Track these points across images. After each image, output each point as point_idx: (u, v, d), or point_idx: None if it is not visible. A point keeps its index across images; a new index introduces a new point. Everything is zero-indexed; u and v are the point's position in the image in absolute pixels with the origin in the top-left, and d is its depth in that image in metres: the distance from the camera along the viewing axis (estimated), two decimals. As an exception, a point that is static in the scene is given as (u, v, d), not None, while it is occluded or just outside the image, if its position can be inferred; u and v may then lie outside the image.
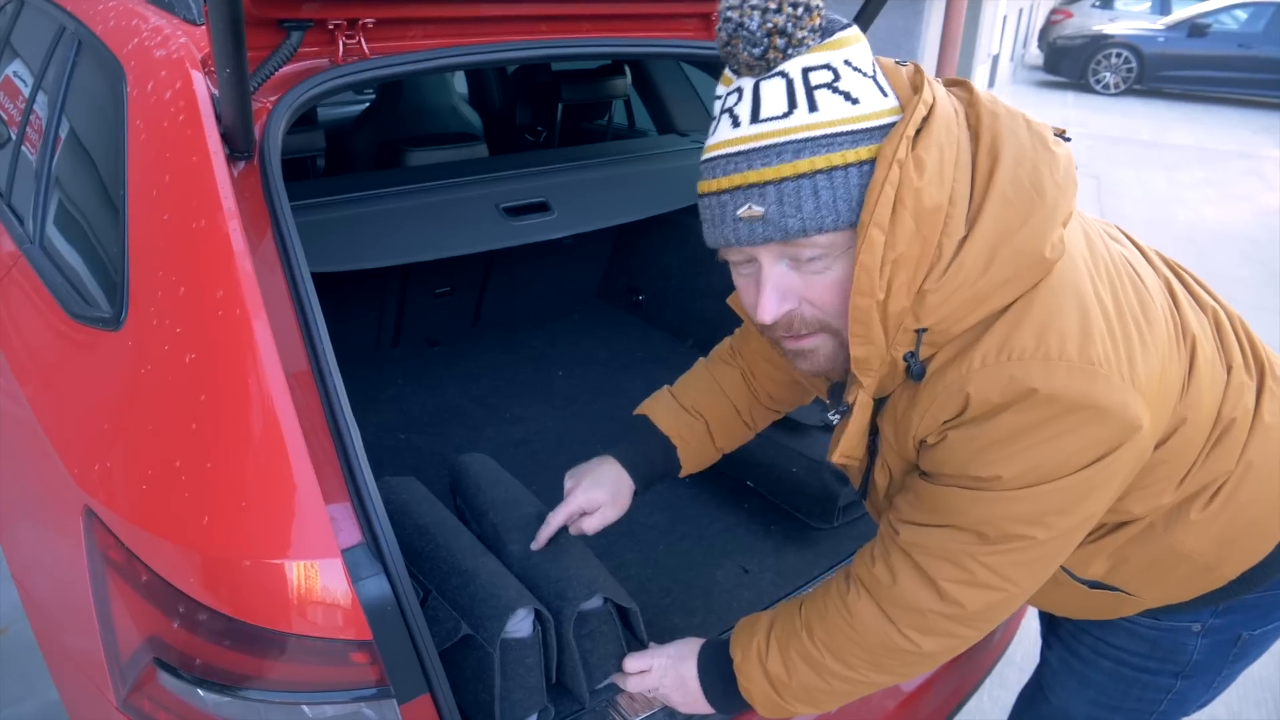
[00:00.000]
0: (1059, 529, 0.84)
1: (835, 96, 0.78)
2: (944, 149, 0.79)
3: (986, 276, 0.79)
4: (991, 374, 0.79)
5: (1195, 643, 1.07)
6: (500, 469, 1.44)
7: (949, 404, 0.82)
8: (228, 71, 1.03)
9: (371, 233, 1.66)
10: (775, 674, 0.99)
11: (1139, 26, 11.91)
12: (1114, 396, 0.78)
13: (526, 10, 1.48)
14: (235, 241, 1.03)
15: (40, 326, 1.35)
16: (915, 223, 0.78)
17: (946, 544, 0.86)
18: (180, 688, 0.94)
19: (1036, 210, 0.79)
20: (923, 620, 0.90)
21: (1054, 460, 0.80)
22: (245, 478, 0.92)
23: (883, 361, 0.85)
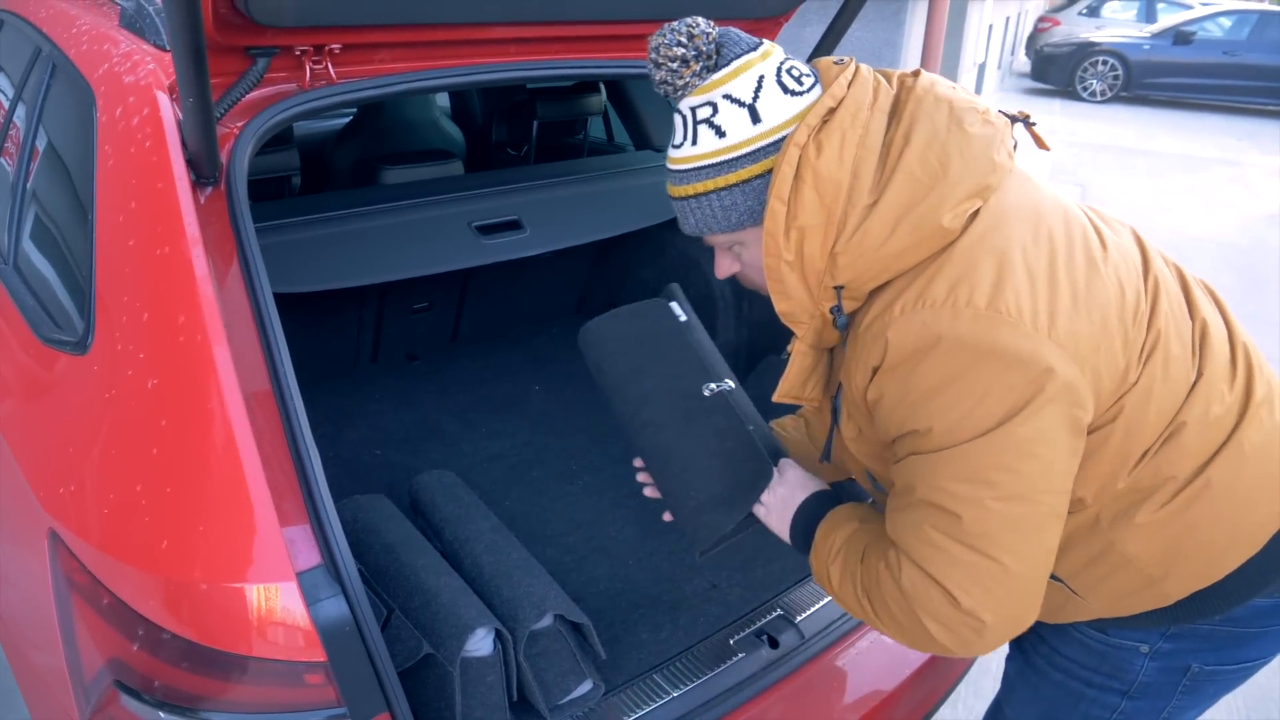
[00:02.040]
0: (1010, 487, 0.86)
1: (709, 131, 0.96)
2: (846, 133, 0.92)
3: (890, 242, 0.90)
4: (907, 320, 0.88)
5: (1142, 664, 1.08)
6: (458, 485, 1.46)
7: (874, 349, 0.91)
8: (191, 100, 1.05)
9: (344, 252, 1.68)
10: (831, 575, 1.04)
11: (1125, 34, 12.01)
12: (1021, 342, 0.85)
13: (494, 34, 1.50)
14: (198, 267, 1.05)
15: (11, 348, 1.36)
16: (817, 195, 0.91)
17: (919, 525, 0.90)
18: (141, 709, 0.95)
19: (939, 186, 0.89)
20: (934, 607, 0.90)
21: (978, 411, 0.86)
22: (203, 502, 0.94)
23: (811, 315, 0.98)
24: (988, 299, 0.86)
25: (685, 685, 1.33)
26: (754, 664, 1.37)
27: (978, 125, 0.93)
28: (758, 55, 0.95)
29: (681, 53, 0.94)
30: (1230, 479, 0.97)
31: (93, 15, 1.59)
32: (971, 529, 0.87)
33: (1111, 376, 0.92)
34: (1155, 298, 0.98)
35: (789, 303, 0.98)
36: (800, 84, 0.96)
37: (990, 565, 0.87)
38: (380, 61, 1.41)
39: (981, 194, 0.91)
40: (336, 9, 1.23)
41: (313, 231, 1.67)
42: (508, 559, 1.26)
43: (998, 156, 0.92)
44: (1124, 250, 0.99)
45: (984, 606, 0.88)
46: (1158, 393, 0.94)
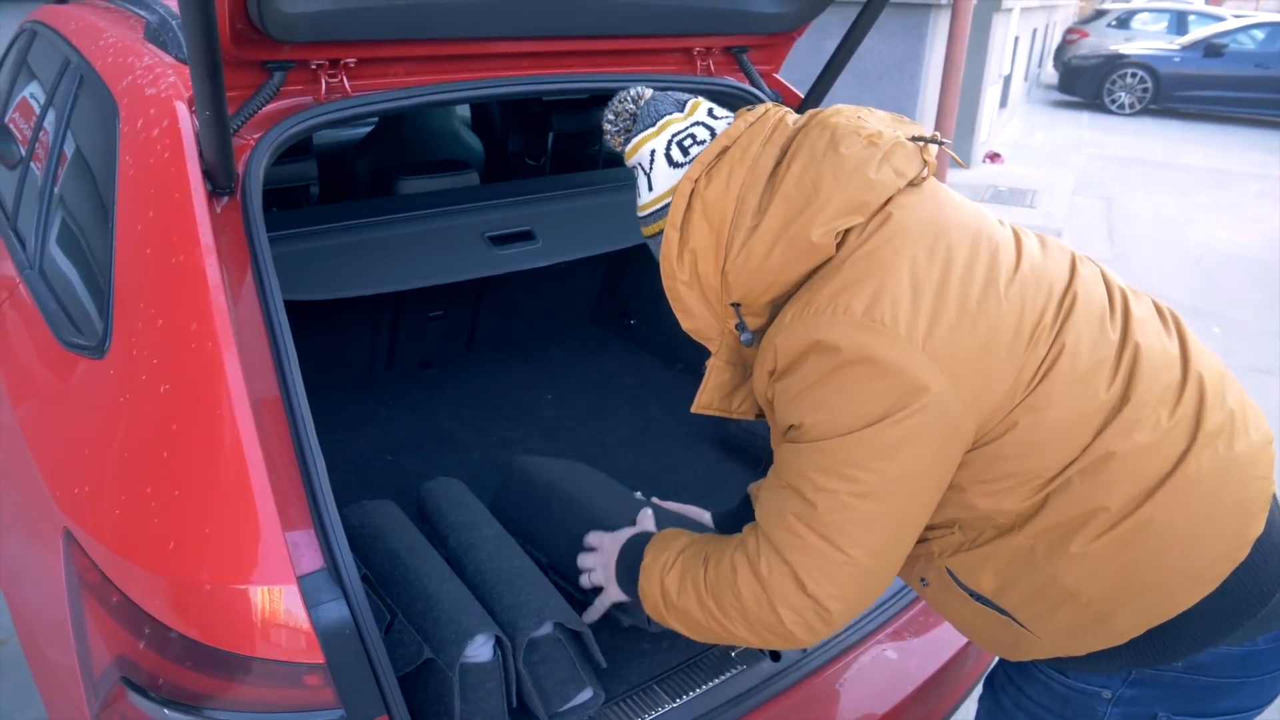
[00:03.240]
0: (865, 485, 0.91)
1: (641, 187, 1.12)
2: (735, 167, 1.02)
3: (770, 258, 0.98)
4: (792, 328, 0.96)
5: (1106, 710, 1.04)
6: (464, 493, 1.48)
7: (767, 357, 0.99)
8: (207, 113, 1.08)
9: (359, 261, 1.71)
10: (668, 588, 1.08)
11: (1155, 46, 11.90)
12: (891, 352, 0.90)
13: (506, 48, 1.53)
14: (211, 276, 1.08)
15: (34, 351, 1.40)
16: (706, 221, 1.02)
17: (781, 510, 0.97)
18: (147, 706, 0.98)
19: (811, 205, 0.97)
20: (786, 592, 0.95)
21: (845, 411, 0.92)
22: (209, 505, 0.96)
23: (719, 331, 1.08)
24: (864, 308, 0.92)
25: (685, 696, 1.34)
26: (755, 677, 1.37)
27: (855, 147, 0.99)
28: (654, 130, 1.11)
29: (608, 126, 1.17)
30: (1173, 513, 0.94)
31: (119, 28, 1.64)
32: (824, 519, 0.93)
33: (998, 390, 0.93)
34: (1068, 314, 0.97)
35: (693, 320, 1.08)
36: (686, 154, 1.08)
37: (837, 556, 0.93)
38: (395, 75, 1.44)
39: (859, 210, 0.97)
40: (350, 25, 1.26)
41: (328, 240, 1.70)
42: (510, 567, 1.27)
43: (873, 174, 0.98)
44: (1042, 272, 1.00)
45: (829, 595, 0.94)
46: (1058, 408, 0.94)
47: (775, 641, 0.99)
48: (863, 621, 1.49)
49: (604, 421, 2.17)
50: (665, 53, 1.76)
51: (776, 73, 1.95)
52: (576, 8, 1.50)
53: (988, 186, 6.90)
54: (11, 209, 1.87)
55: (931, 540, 1.06)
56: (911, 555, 1.08)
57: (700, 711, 1.31)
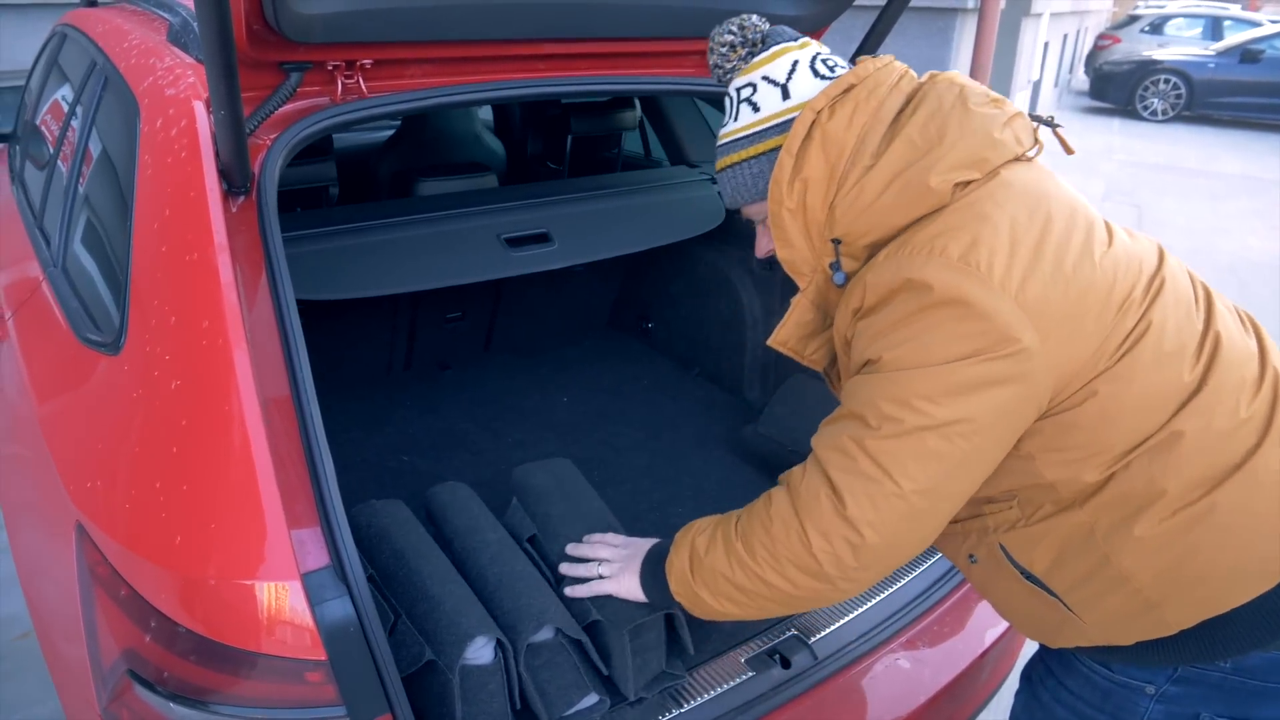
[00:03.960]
0: (932, 418, 0.90)
1: (747, 108, 1.08)
2: (860, 105, 1.01)
3: (882, 198, 0.98)
4: (885, 265, 0.95)
5: (1148, 706, 1.03)
6: (470, 497, 1.48)
7: (855, 294, 0.99)
8: (223, 113, 1.09)
9: (375, 262, 1.72)
10: (697, 547, 1.08)
11: (1189, 52, 11.71)
12: (984, 297, 0.89)
13: (521, 50, 1.53)
14: (223, 274, 1.09)
15: (54, 347, 1.42)
16: (823, 153, 1.00)
17: (839, 434, 0.96)
18: (153, 699, 0.99)
19: (933, 151, 0.97)
20: (820, 512, 0.94)
21: (927, 347, 0.91)
22: (216, 501, 0.97)
23: (812, 268, 1.06)
24: (961, 252, 0.91)
25: (692, 701, 1.33)
26: (764, 683, 1.36)
27: (983, 105, 1.00)
28: (796, 45, 1.09)
29: (730, 39, 1.10)
30: (1239, 503, 0.94)
31: (144, 30, 1.67)
32: (882, 443, 0.92)
33: (1082, 354, 0.93)
34: (1157, 294, 0.98)
35: (790, 250, 1.06)
36: (832, 71, 1.07)
37: (887, 484, 0.92)
38: (411, 77, 1.45)
39: (977, 165, 0.97)
40: (365, 26, 1.27)
41: (345, 241, 1.72)
42: (511, 571, 1.27)
43: (998, 134, 0.98)
44: (1133, 252, 1.01)
45: (867, 521, 0.92)
46: (1140, 383, 0.94)
47: (801, 584, 0.97)
48: (876, 630, 1.47)
49: (618, 424, 2.16)
50: (681, 55, 1.76)
51: (795, 76, 1.94)
52: (591, 11, 1.50)
53: (1015, 193, 6.81)
54: (39, 208, 1.91)
55: (988, 515, 1.05)
56: (964, 530, 1.09)
57: (708, 717, 1.30)
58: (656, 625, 1.30)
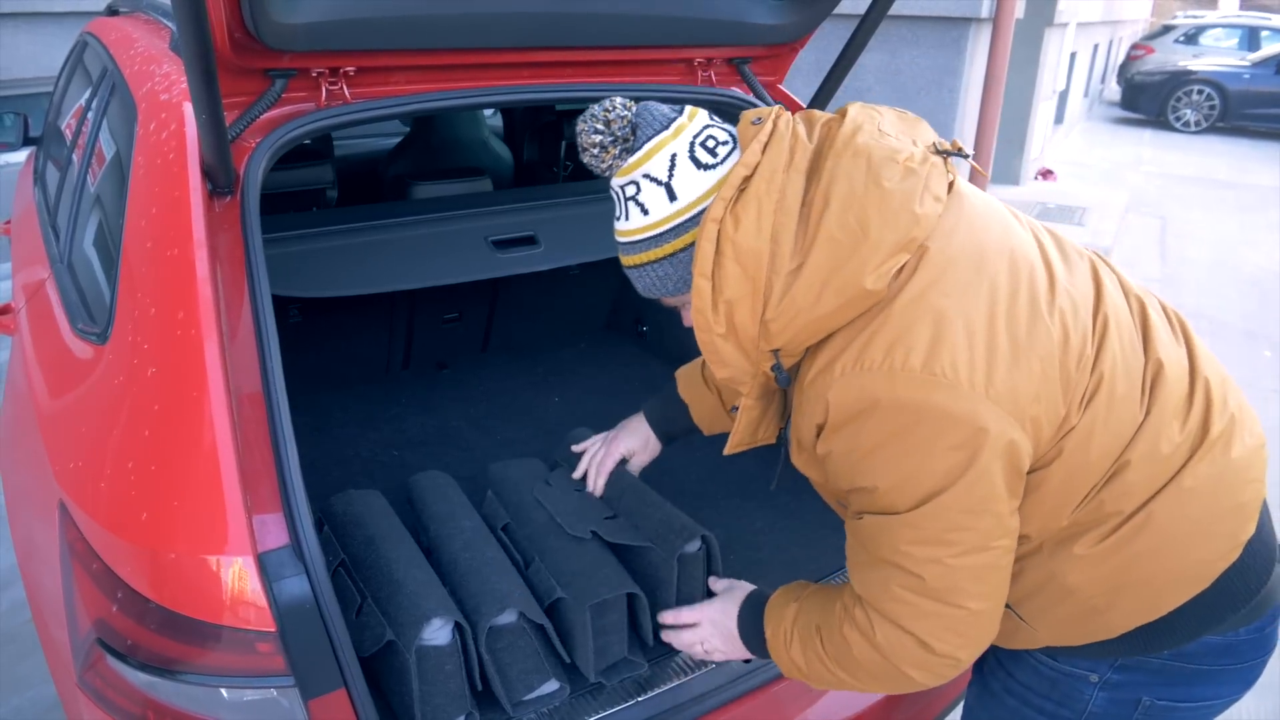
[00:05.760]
0: (965, 544, 0.91)
1: (636, 208, 1.02)
2: (762, 202, 0.94)
3: (818, 305, 0.92)
4: (846, 383, 0.91)
5: (1092, 694, 1.07)
6: (450, 485, 1.53)
7: (816, 409, 0.95)
8: (204, 117, 1.16)
9: (366, 262, 1.78)
10: (796, 661, 1.09)
11: (1224, 63, 11.53)
12: (959, 404, 0.87)
13: (507, 58, 1.58)
14: (199, 269, 1.15)
15: (53, 338, 1.50)
16: (740, 267, 0.93)
17: (886, 584, 0.95)
18: (121, 668, 1.04)
19: (860, 248, 0.90)
20: (912, 657, 0.96)
21: (923, 472, 0.89)
22: (181, 481, 1.03)
23: (752, 376, 1.01)
24: (923, 361, 0.88)
25: (652, 690, 1.36)
26: (724, 675, 1.39)
27: (896, 179, 0.93)
28: (670, 134, 1.00)
29: (599, 139, 1.02)
30: (1173, 514, 0.96)
31: (150, 39, 1.75)
32: (935, 585, 0.92)
33: (1051, 423, 0.93)
34: (1103, 338, 0.97)
35: (728, 370, 1.00)
36: (715, 155, 1.00)
37: (957, 613, 0.93)
38: (395, 83, 1.51)
39: (906, 248, 0.91)
40: (346, 35, 1.33)
41: (337, 241, 1.78)
42: (481, 557, 1.32)
43: (919, 209, 0.92)
44: (1074, 290, 0.99)
45: (957, 648, 0.95)
46: (1099, 434, 0.95)
47: (914, 689, 1.00)
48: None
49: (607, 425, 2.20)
50: (666, 63, 1.80)
51: (780, 83, 1.98)
52: (574, 20, 1.55)
53: (1036, 204, 6.77)
54: (53, 206, 2.00)
55: None
56: None
57: (666, 706, 1.34)
58: (619, 607, 1.34)
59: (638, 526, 1.45)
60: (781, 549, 1.75)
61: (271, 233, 1.71)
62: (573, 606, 1.32)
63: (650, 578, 1.41)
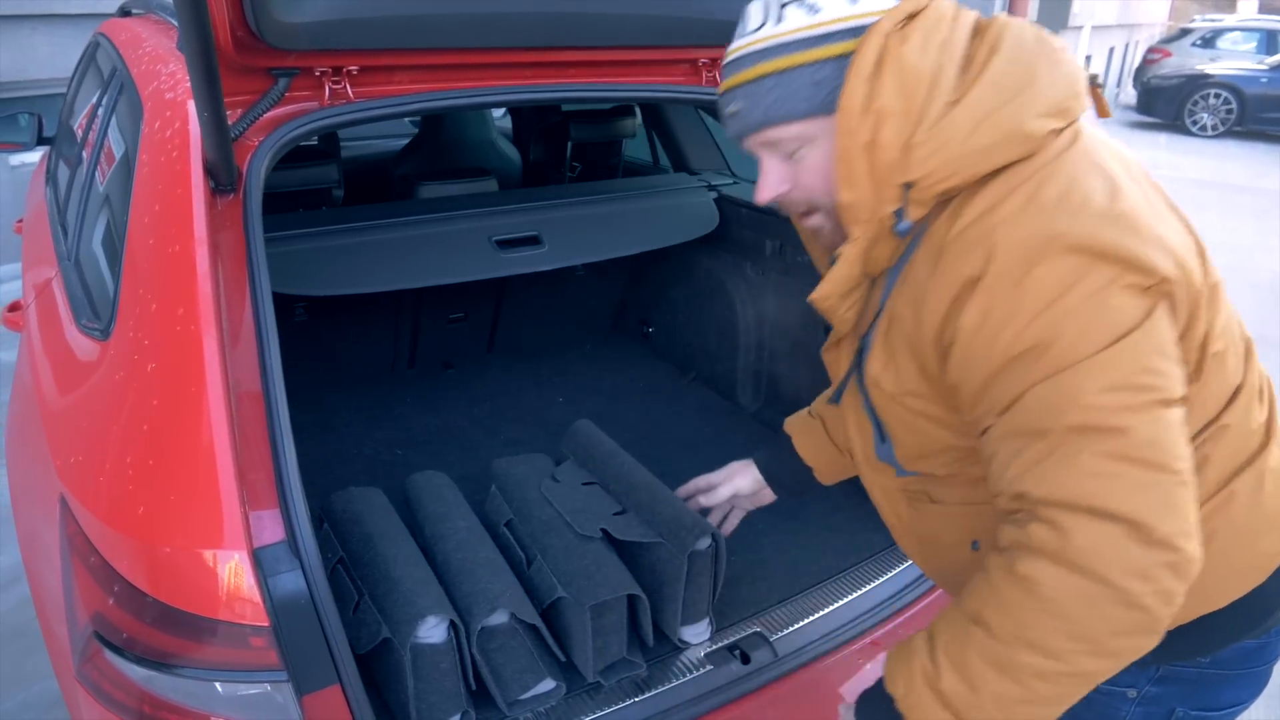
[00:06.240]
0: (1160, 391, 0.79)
1: (799, 10, 0.93)
2: (929, 34, 0.90)
3: (972, 139, 0.85)
4: (1018, 222, 0.82)
5: (1129, 710, 1.04)
6: (446, 486, 1.53)
7: (971, 257, 0.84)
8: (206, 115, 1.16)
9: (370, 260, 1.79)
10: (954, 693, 0.84)
11: (1242, 66, 11.44)
12: (1144, 247, 0.80)
13: (511, 58, 1.59)
14: (200, 266, 1.16)
15: (58, 334, 1.51)
16: (898, 83, 0.87)
17: (1077, 458, 0.78)
18: (118, 661, 1.05)
19: (1025, 92, 0.86)
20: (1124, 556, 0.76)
21: (1105, 312, 0.79)
22: (178, 476, 1.03)
23: (871, 214, 0.91)
24: (1107, 202, 0.82)
25: (648, 691, 1.36)
26: (722, 677, 1.38)
27: (1065, 52, 0.92)
28: None
29: None
30: (1252, 496, 0.94)
31: (158, 39, 1.76)
32: (1141, 438, 0.77)
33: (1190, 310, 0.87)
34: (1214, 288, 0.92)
35: (855, 192, 0.91)
36: None
37: (1169, 479, 0.77)
38: (398, 82, 1.51)
39: (1064, 114, 0.88)
40: (349, 34, 1.33)
41: (342, 240, 1.79)
42: (474, 557, 1.32)
43: (1079, 87, 0.90)
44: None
45: (1178, 531, 0.76)
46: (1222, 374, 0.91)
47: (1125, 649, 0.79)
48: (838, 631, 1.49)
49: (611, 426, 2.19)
50: (669, 64, 1.80)
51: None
52: (578, 20, 1.55)
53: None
54: (62, 204, 2.02)
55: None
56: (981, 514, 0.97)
57: (662, 707, 1.33)
58: (618, 608, 1.34)
59: (648, 522, 1.45)
60: (783, 550, 1.74)
61: (276, 231, 1.73)
62: (573, 606, 1.32)
63: (658, 574, 1.41)
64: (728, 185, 2.33)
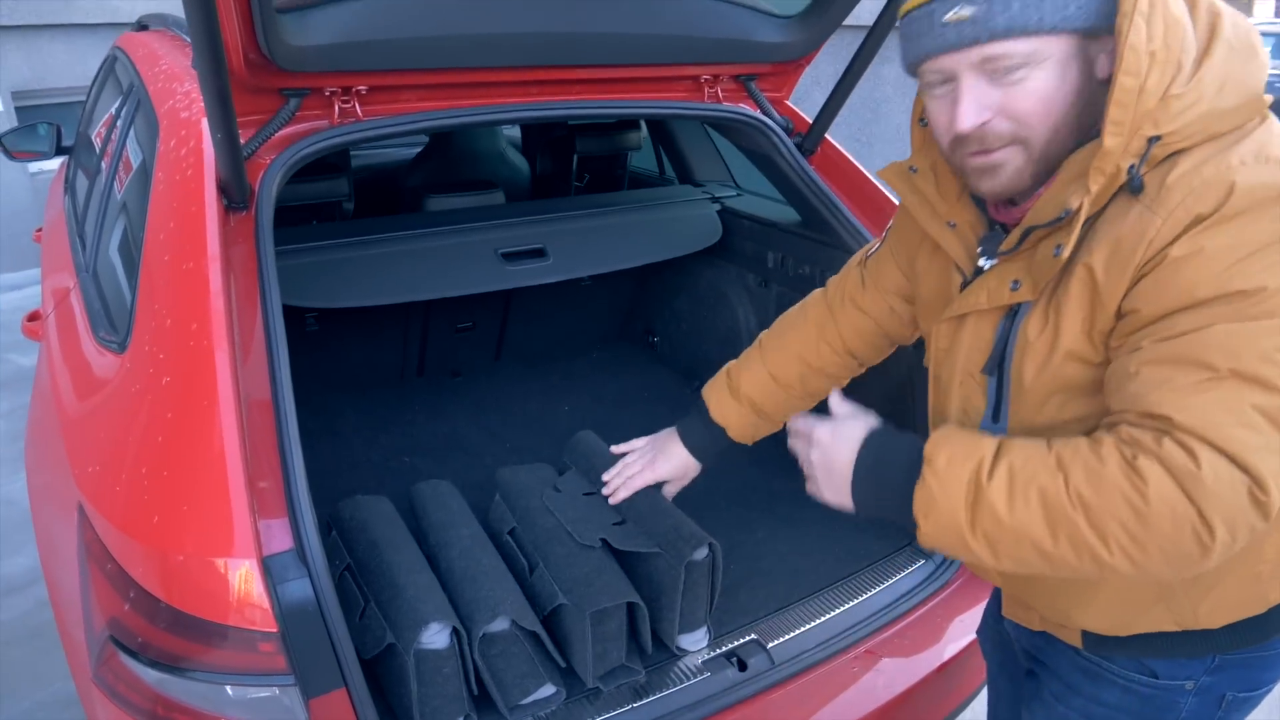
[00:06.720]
0: None
1: None
2: None
3: (1219, 97, 0.85)
4: (1256, 170, 0.82)
5: (1186, 701, 1.04)
6: (450, 494, 1.57)
7: (1208, 195, 0.82)
8: (219, 135, 1.21)
9: (378, 273, 1.83)
10: (991, 501, 0.86)
11: (1255, 71, 11.36)
12: None
13: (516, 76, 1.63)
14: (213, 282, 1.20)
15: (76, 345, 1.56)
16: (1164, 26, 0.85)
17: (1237, 403, 0.79)
18: (133, 664, 1.09)
19: (1254, 59, 0.88)
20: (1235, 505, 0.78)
21: None
22: (191, 486, 1.07)
23: (1116, 165, 0.87)
24: None
25: (647, 697, 1.39)
26: (719, 683, 1.41)
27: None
28: None
29: None
30: None
31: (174, 56, 1.81)
32: None
33: None
34: None
35: (1119, 139, 0.86)
36: None
37: None
38: (405, 101, 1.55)
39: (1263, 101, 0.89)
40: (357, 57, 1.38)
41: (351, 253, 1.83)
42: (477, 565, 1.35)
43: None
44: None
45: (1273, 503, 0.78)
46: None
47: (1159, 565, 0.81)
48: (836, 638, 1.51)
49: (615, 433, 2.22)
50: (674, 80, 1.84)
51: (787, 99, 2.00)
52: (582, 40, 1.59)
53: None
54: (80, 215, 2.07)
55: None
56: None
57: (660, 713, 1.36)
58: (618, 615, 1.37)
59: (647, 533, 1.48)
60: (782, 558, 1.77)
61: (287, 244, 1.77)
62: (573, 613, 1.35)
63: (656, 583, 1.44)
64: (731, 197, 2.36)
